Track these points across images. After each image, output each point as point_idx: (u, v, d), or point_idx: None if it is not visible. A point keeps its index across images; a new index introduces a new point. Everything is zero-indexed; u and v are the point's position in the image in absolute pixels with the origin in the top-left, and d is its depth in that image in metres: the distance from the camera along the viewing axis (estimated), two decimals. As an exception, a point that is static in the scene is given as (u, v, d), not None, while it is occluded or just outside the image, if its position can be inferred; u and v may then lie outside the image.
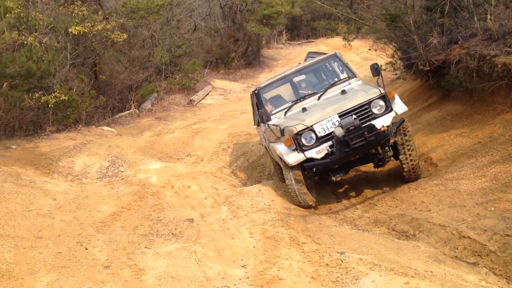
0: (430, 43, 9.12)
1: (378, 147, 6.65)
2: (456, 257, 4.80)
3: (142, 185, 7.50)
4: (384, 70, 10.56)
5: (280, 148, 6.49)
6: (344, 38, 16.33)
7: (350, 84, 7.27)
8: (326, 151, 6.28)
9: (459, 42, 8.53)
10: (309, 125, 6.27)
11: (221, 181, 8.25)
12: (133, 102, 14.22)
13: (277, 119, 7.11)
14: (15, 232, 5.53)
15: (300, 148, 6.26)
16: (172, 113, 14.48)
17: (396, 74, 11.79)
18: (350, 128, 6.09)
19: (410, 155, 6.51)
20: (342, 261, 4.63)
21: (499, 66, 7.18)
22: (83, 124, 11.72)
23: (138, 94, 14.53)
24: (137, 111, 14.14)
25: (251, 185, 7.80)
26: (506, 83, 7.14)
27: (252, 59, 22.16)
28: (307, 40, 27.58)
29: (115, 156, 9.27)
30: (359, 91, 6.74)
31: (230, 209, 6.68)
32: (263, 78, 19.83)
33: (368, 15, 16.89)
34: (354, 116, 6.23)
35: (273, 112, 7.29)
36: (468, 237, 4.91)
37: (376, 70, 6.88)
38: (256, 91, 7.74)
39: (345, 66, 7.68)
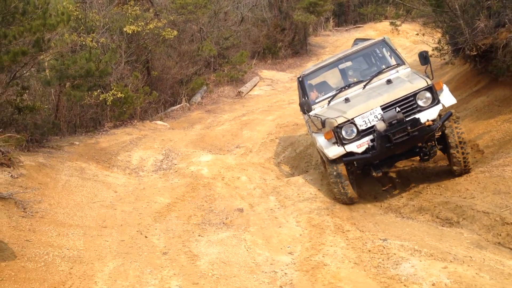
0: (477, 27, 8.98)
1: (423, 142, 6.30)
2: (498, 243, 4.89)
3: (194, 177, 7.94)
4: (431, 56, 10.48)
5: (320, 140, 6.36)
6: (392, 24, 16.12)
7: (398, 72, 6.96)
8: (367, 145, 6.06)
9: (507, 26, 8.36)
10: (350, 117, 6.06)
11: (269, 171, 8.56)
12: (184, 96, 14.74)
13: (320, 108, 6.96)
14: (82, 222, 6.11)
15: (340, 141, 6.08)
16: (221, 106, 14.90)
17: (444, 59, 11.63)
18: (393, 122, 5.83)
19: (462, 147, 6.14)
20: (384, 248, 4.84)
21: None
22: (138, 119, 12.34)
23: (188, 88, 15.05)
24: (188, 104, 14.66)
25: (298, 175, 8.06)
26: (556, 67, 7.01)
27: (299, 47, 22.21)
28: (354, 26, 27.24)
29: (169, 150, 9.78)
30: (404, 81, 6.40)
31: (278, 199, 6.98)
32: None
33: (416, -3, 16.58)
34: (397, 109, 5.99)
35: (316, 101, 7.12)
36: (511, 223, 4.98)
37: (425, 58, 6.57)
38: (300, 78, 7.57)
39: (393, 52, 7.34)
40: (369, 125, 6.05)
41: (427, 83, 6.12)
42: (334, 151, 6.16)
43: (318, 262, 4.85)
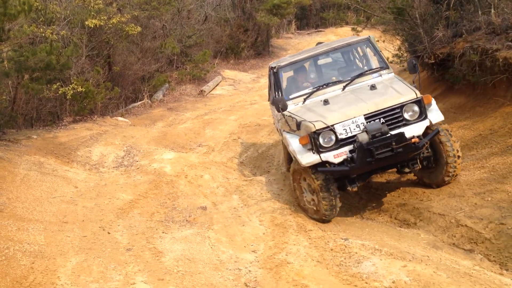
0: (436, 36, 9.35)
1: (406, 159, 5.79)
2: (453, 244, 5.15)
3: (157, 174, 7.89)
4: (391, 62, 10.82)
5: (294, 144, 5.83)
6: (353, 29, 16.51)
7: (381, 76, 6.51)
8: (345, 156, 5.53)
9: (463, 36, 8.76)
10: (329, 124, 5.52)
11: (232, 170, 8.61)
12: (146, 93, 14.58)
13: (294, 106, 6.38)
14: (43, 217, 5.97)
15: (317, 148, 5.53)
16: (183, 104, 14.82)
17: (403, 66, 12.03)
18: (376, 135, 5.38)
19: (458, 158, 5.82)
20: (345, 247, 4.98)
21: (501, 60, 7.42)
22: (98, 114, 12.11)
23: (150, 84, 14.88)
24: (150, 101, 14.51)
25: (260, 175, 8.15)
26: (507, 77, 7.38)
27: (261, 49, 22.37)
28: (316, 30, 27.69)
29: (130, 146, 9.66)
30: (390, 90, 5.93)
31: (241, 198, 7.04)
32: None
33: (377, 5, 17.06)
34: (382, 121, 5.55)
35: (290, 97, 6.52)
36: (465, 225, 5.24)
37: (414, 67, 6.10)
38: (275, 69, 6.86)
39: (378, 54, 6.84)
40: (349, 135, 5.56)
41: (416, 95, 5.67)
42: (308, 159, 5.62)
43: (281, 260, 4.95)
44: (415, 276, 4.08)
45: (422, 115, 5.66)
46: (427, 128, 5.70)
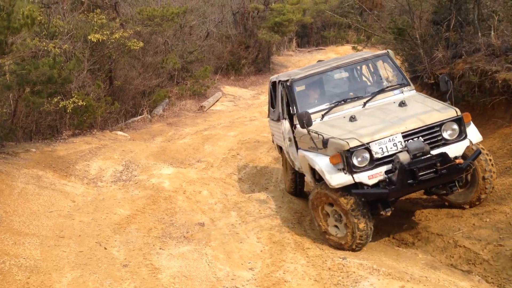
0: (435, 57, 9.44)
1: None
2: (451, 264, 5.12)
3: (155, 189, 7.87)
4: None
5: (321, 164, 5.32)
6: (353, 48, 16.65)
7: (403, 93, 6.15)
8: (380, 177, 5.07)
9: (463, 57, 8.84)
10: (365, 142, 5.06)
11: (230, 187, 8.60)
12: (146, 108, 14.63)
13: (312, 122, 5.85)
14: (39, 231, 5.95)
15: (350, 168, 5.03)
16: (183, 119, 14.86)
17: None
18: (417, 155, 4.99)
19: (494, 173, 5.56)
20: (343, 266, 4.95)
21: (500, 81, 7.49)
22: (98, 128, 12.13)
23: (150, 99, 14.95)
24: (149, 116, 14.55)
25: (259, 192, 8.14)
26: (506, 99, 7.44)
27: (262, 66, 22.53)
28: (317, 48, 27.95)
29: (129, 161, 9.66)
30: (425, 107, 5.56)
31: (239, 215, 7.02)
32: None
33: (377, 24, 17.24)
34: (421, 140, 5.14)
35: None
36: (464, 246, 5.22)
37: (446, 83, 5.66)
38: (288, 83, 6.39)
39: (397, 70, 6.49)
40: (385, 154, 5.10)
41: (457, 113, 5.27)
42: (339, 179, 5.10)
43: (278, 279, 4.90)
44: (413, 297, 4.05)
45: (462, 134, 5.28)
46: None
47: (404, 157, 4.98)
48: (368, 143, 5.06)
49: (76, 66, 10.40)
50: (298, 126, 6.08)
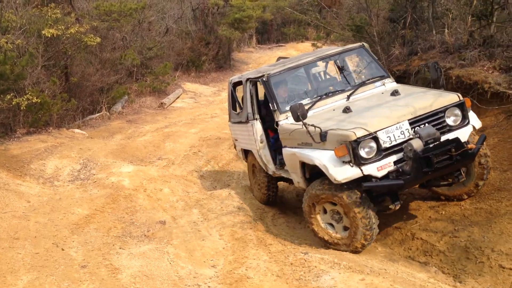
0: (392, 54, 9.66)
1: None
2: (409, 256, 5.27)
3: (115, 188, 7.71)
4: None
5: (323, 158, 4.92)
6: (313, 45, 16.84)
7: (384, 85, 6.02)
8: (390, 168, 4.80)
9: (419, 54, 9.08)
10: (372, 131, 4.74)
11: (192, 184, 8.53)
12: (104, 105, 14.30)
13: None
14: (-8, 234, 5.72)
15: (358, 160, 4.70)
16: (143, 116, 14.63)
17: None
18: (429, 141, 4.75)
19: (488, 172, 5.44)
20: (305, 261, 4.99)
21: (454, 78, 7.72)
22: (54, 126, 11.77)
23: (109, 96, 14.62)
24: (108, 113, 14.24)
25: (221, 189, 8.11)
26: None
27: (223, 62, 22.44)
28: (277, 44, 28.06)
29: (87, 159, 9.42)
30: (422, 94, 5.40)
31: (201, 212, 6.97)
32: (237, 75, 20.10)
33: (336, 22, 17.47)
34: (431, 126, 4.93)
35: (287, 108, 5.75)
36: (421, 238, 5.38)
37: (436, 70, 5.49)
38: (265, 79, 6.04)
39: (374, 62, 6.32)
40: (394, 143, 4.83)
41: (459, 98, 5.11)
42: (346, 173, 4.75)
43: (241, 275, 4.90)
44: (373, 289, 4.13)
45: (465, 119, 5.10)
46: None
47: (418, 144, 4.70)
48: (375, 132, 4.75)
49: (30, 62, 10.05)
50: (283, 122, 5.78)
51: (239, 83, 7.15)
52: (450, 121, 5.07)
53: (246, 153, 7.55)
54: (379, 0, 10.42)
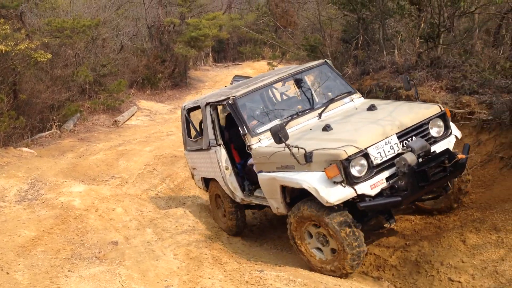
0: (345, 73, 9.91)
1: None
2: (363, 272, 5.32)
3: (64, 208, 7.44)
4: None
5: (309, 180, 4.63)
6: (269, 64, 17.06)
7: (353, 100, 5.92)
8: (382, 185, 4.60)
9: (370, 74, 9.35)
10: (363, 147, 4.54)
11: (146, 203, 8.36)
12: (55, 122, 13.90)
13: (268, 141, 5.42)
14: None
15: (350, 180, 4.46)
16: (96, 134, 14.30)
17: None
18: (420, 154, 4.62)
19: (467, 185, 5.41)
20: (261, 279, 4.95)
21: (403, 97, 7.97)
22: (0, 145, 11.31)
23: (60, 114, 14.25)
24: (59, 131, 13.84)
25: (176, 207, 7.98)
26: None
27: (179, 80, 22.35)
28: (233, 63, 28.25)
29: (35, 179, 9.08)
30: (401, 106, 5.32)
31: (155, 231, 6.82)
32: (190, 100, 20.03)
33: (291, 41, 17.80)
34: (414, 139, 4.80)
35: (258, 131, 5.57)
36: (374, 253, 5.46)
37: (409, 82, 5.45)
38: (230, 102, 5.72)
39: (339, 78, 6.25)
40: (384, 159, 4.65)
41: (441, 108, 5.07)
42: (338, 194, 4.48)
43: (196, 295, 4.81)
44: (328, 305, 4.14)
45: (448, 130, 5.06)
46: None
47: (412, 159, 4.51)
48: (366, 149, 4.55)
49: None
50: (256, 146, 5.47)
51: (194, 108, 6.87)
52: (433, 132, 5.01)
53: (207, 182, 7.17)
54: (332, 21, 10.70)
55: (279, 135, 4.70)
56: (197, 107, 6.72)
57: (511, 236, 4.84)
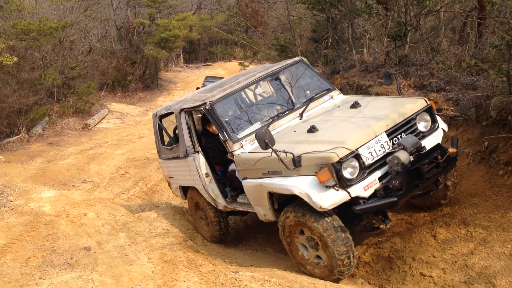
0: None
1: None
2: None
3: (34, 214, 7.28)
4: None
5: (300, 185, 4.46)
6: (240, 64, 17.05)
7: (332, 98, 5.78)
8: (375, 186, 4.47)
9: (340, 72, 9.47)
10: (353, 148, 4.40)
11: (119, 207, 8.25)
12: (23, 127, 13.58)
13: (250, 146, 5.27)
14: None
15: (344, 183, 4.33)
16: (66, 138, 14.04)
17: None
18: (412, 151, 4.51)
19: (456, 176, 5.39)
20: (236, 280, 4.95)
21: (373, 95, 8.10)
22: (-34, 151, 11.02)
23: (28, 118, 13.91)
24: (27, 136, 13.52)
25: (149, 211, 7.90)
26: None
27: (150, 82, 22.12)
28: (205, 64, 28.10)
29: (3, 185, 8.85)
30: (386, 102, 5.24)
31: (128, 235, 6.74)
32: (162, 101, 19.89)
33: (262, 41, 17.85)
34: (403, 136, 4.71)
35: (239, 136, 5.36)
36: (347, 251, 5.51)
37: (389, 76, 5.40)
38: (208, 107, 5.48)
39: (316, 75, 6.08)
40: (376, 158, 4.53)
41: (427, 102, 4.97)
42: (332, 199, 4.33)
43: (171, 299, 4.78)
44: (303, 304, 4.18)
45: (435, 123, 4.98)
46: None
47: (405, 157, 4.39)
48: (357, 149, 4.42)
49: None
50: (238, 152, 5.26)
51: (167, 114, 6.63)
52: (421, 127, 4.92)
53: (185, 190, 6.95)
54: (302, 21, 10.77)
55: (265, 140, 4.48)
56: (170, 113, 6.52)
57: (479, 230, 4.98)
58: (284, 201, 5.01)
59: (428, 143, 4.77)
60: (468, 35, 9.25)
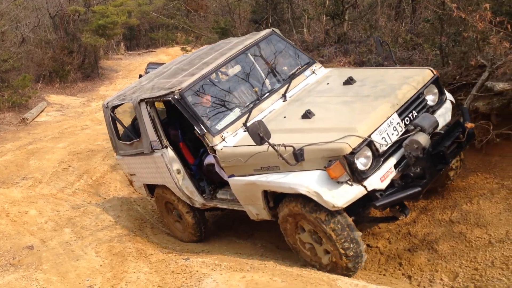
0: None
1: None
2: (288, 248, 5.44)
3: (-29, 216, 6.94)
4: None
5: (307, 183, 3.82)
6: (183, 49, 16.76)
7: (314, 72, 5.10)
8: (391, 175, 3.90)
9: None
10: (366, 135, 3.79)
11: (63, 202, 7.97)
12: (-46, 125, 12.84)
13: (233, 138, 4.55)
14: None
15: (358, 176, 3.74)
16: (2, 134, 13.39)
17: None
18: (430, 132, 3.92)
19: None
20: (187, 267, 4.92)
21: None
22: None
23: (-41, 115, 13.16)
24: (-40, 134, 12.80)
25: (95, 203, 7.69)
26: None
27: (90, 71, 21.38)
28: (147, 50, 27.48)
29: None
30: (386, 73, 4.61)
31: (74, 231, 6.55)
32: (104, 91, 19.32)
33: (204, 25, 17.61)
34: (414, 114, 4.14)
35: (219, 128, 4.63)
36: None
37: (381, 44, 4.79)
38: (177, 97, 4.70)
39: (292, 47, 5.36)
40: (389, 143, 3.92)
41: (433, 72, 4.39)
42: (346, 196, 3.74)
43: (121, 291, 4.69)
44: (253, 285, 4.17)
45: (443, 95, 4.42)
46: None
47: (425, 140, 3.81)
48: (369, 136, 3.81)
49: None
50: (221, 146, 4.53)
51: (120, 105, 5.82)
52: (430, 101, 4.35)
53: (151, 188, 6.17)
54: (241, 2, 10.68)
55: (259, 134, 3.79)
56: (124, 103, 5.78)
57: (421, 199, 5.15)
58: (276, 197, 4.45)
59: (440, 118, 4.21)
60: (404, 10, 9.48)
